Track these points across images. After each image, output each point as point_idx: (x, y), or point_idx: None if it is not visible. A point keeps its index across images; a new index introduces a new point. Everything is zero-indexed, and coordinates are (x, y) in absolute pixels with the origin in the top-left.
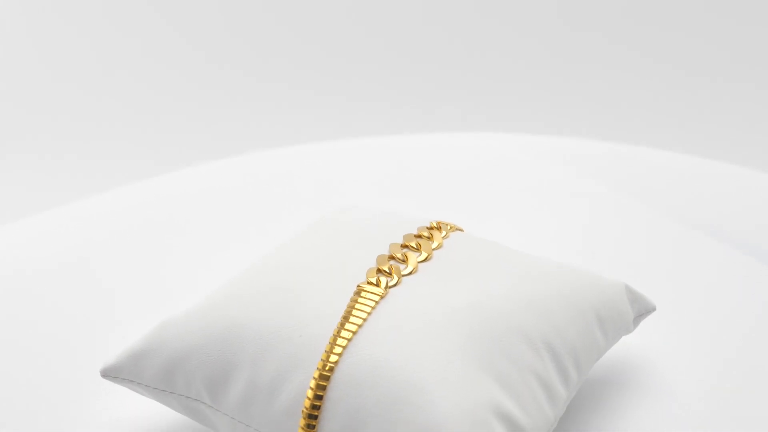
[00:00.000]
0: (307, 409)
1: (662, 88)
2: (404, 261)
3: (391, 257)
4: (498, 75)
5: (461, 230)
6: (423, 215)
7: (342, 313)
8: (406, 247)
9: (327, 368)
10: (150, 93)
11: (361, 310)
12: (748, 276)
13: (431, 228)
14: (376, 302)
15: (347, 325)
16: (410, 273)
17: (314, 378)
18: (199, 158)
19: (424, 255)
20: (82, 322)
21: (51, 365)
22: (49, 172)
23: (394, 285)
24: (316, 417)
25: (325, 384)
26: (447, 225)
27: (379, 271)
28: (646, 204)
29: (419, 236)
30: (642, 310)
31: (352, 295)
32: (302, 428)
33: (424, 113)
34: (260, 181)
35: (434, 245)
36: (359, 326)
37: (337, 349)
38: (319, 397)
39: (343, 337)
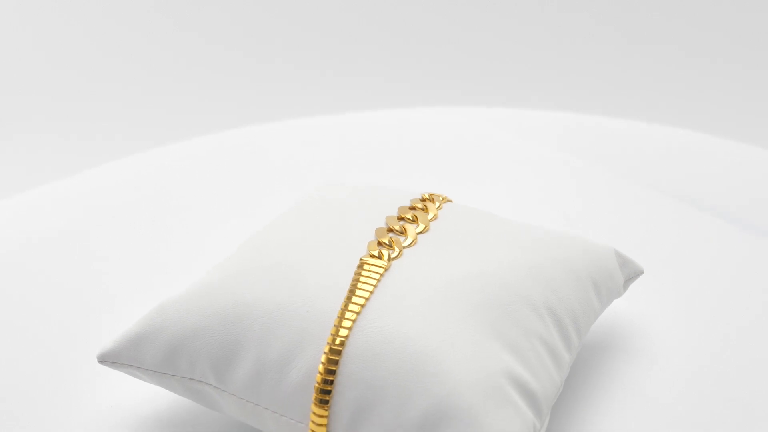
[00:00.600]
0: (319, 384)
1: (638, 60)
2: (403, 233)
3: (390, 230)
4: (468, 49)
5: (450, 201)
6: (410, 188)
7: (347, 286)
8: (402, 219)
9: (338, 342)
10: (138, 70)
11: (367, 283)
12: (730, 243)
13: (424, 200)
14: (381, 274)
15: (354, 299)
16: (410, 245)
17: (325, 353)
18: (178, 136)
19: (421, 227)
20: (74, 304)
21: (43, 349)
22: (31, 151)
23: (396, 257)
24: (328, 392)
25: (336, 358)
26: (439, 196)
27: (379, 243)
28: (624, 176)
29: (413, 208)
30: (631, 273)
31: (355, 268)
32: (315, 403)
33: (395, 89)
34: (237, 158)
35: (429, 216)
36: (367, 299)
37: (347, 323)
38: (331, 372)
39: (352, 311)
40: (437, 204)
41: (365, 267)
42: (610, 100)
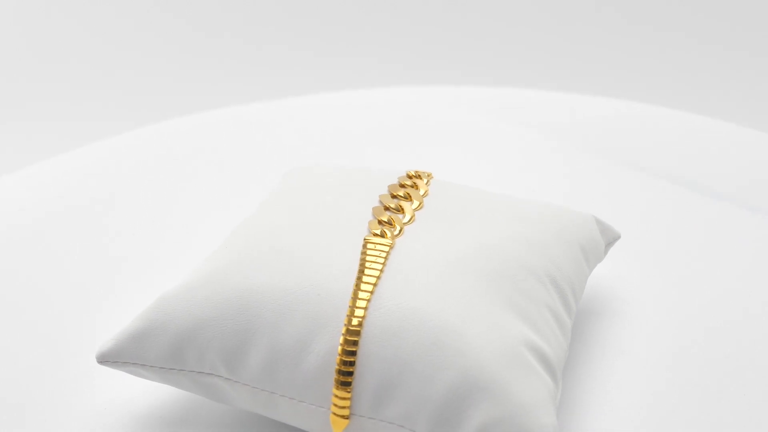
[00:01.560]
0: (339, 366)
1: (619, 37)
2: (400, 211)
3: (386, 208)
4: (437, 28)
5: (434, 177)
6: (389, 167)
7: (354, 267)
8: (395, 197)
9: (355, 323)
10: (116, 50)
11: (375, 262)
12: (700, 211)
13: (411, 177)
14: (387, 253)
15: (365, 278)
16: (409, 222)
17: (343, 334)
18: (158, 118)
19: (416, 203)
20: (66, 296)
21: (36, 344)
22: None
23: (398, 235)
24: (350, 374)
25: (355, 339)
26: (425, 173)
27: (380, 222)
28: (590, 150)
29: (403, 186)
30: (610, 238)
31: (359, 248)
32: (336, 386)
33: (366, 68)
34: (217, 141)
35: (421, 193)
36: (378, 278)
37: (361, 303)
38: (350, 353)
39: (365, 290)
40: (425, 180)
41: (369, 246)
42: (587, 79)
